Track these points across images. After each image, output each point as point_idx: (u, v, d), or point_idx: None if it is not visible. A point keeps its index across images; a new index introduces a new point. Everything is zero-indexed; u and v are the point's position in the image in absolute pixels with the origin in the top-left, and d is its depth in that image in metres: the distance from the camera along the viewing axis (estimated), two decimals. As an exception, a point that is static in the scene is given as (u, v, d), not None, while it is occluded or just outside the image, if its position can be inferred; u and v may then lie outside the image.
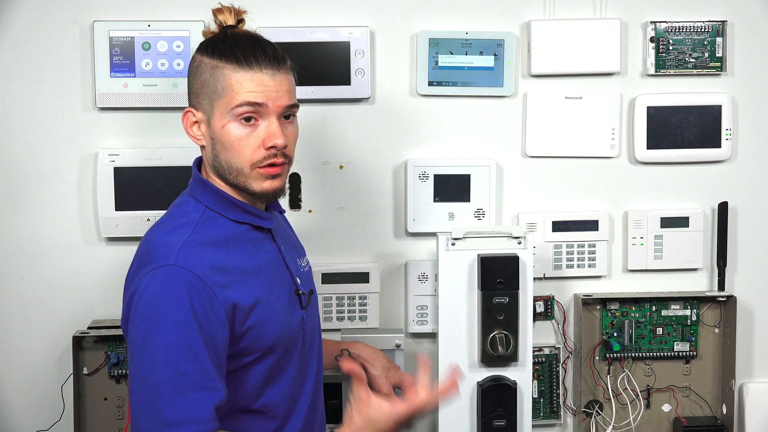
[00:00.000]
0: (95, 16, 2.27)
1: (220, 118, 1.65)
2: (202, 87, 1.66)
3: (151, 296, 1.55)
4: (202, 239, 1.63)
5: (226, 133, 1.65)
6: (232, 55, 1.64)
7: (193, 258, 1.58)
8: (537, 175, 2.42)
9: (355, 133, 2.36)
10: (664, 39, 2.39)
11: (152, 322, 1.54)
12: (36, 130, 2.29)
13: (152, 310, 1.54)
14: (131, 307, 1.57)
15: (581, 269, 2.42)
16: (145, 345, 1.54)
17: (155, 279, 1.56)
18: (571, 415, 2.46)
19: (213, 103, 1.65)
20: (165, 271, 1.56)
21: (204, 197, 1.69)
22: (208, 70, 1.65)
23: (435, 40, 2.34)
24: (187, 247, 1.59)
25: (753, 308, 2.49)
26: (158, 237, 1.64)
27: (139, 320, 1.55)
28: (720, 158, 2.44)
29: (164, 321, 1.54)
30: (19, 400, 2.35)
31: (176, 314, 1.54)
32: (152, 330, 1.54)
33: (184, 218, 1.66)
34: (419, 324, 2.40)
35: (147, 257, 1.60)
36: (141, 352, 1.54)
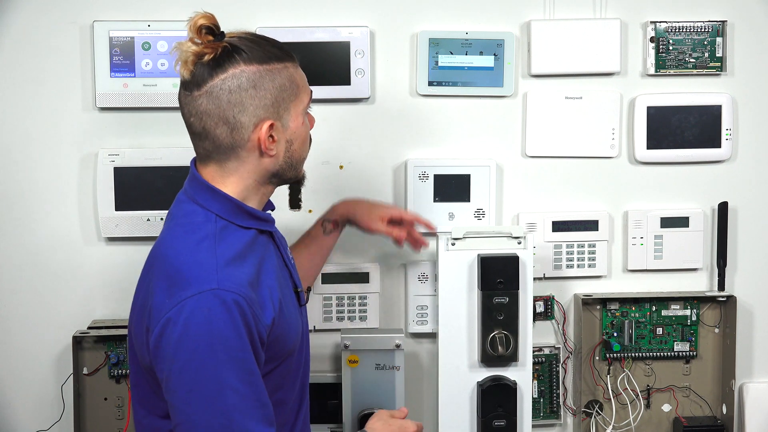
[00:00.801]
0: (95, 16, 2.27)
1: (297, 117, 1.67)
2: (281, 92, 1.63)
3: (202, 324, 1.51)
4: (229, 254, 1.60)
5: (305, 128, 1.70)
6: (285, 52, 1.65)
7: (232, 278, 1.55)
8: (537, 175, 2.42)
9: (355, 133, 2.36)
10: (664, 39, 2.39)
11: (209, 350, 1.51)
12: (36, 130, 2.29)
13: (206, 338, 1.51)
14: (171, 332, 1.52)
15: (581, 269, 2.42)
16: (203, 374, 1.51)
17: (201, 305, 1.52)
18: (571, 415, 2.46)
19: (288, 106, 1.65)
20: (212, 296, 1.52)
21: (213, 205, 1.65)
22: (280, 75, 1.63)
23: (435, 40, 2.34)
24: (222, 266, 1.56)
25: (753, 308, 2.49)
26: (184, 255, 1.59)
27: (191, 348, 1.51)
28: (720, 158, 2.44)
29: (222, 348, 1.51)
30: (19, 400, 2.35)
31: (235, 341, 1.52)
32: (210, 358, 1.51)
33: (201, 230, 1.62)
34: (419, 324, 2.40)
35: (180, 279, 1.56)
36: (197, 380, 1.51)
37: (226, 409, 1.51)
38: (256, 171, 1.66)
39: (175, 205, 1.71)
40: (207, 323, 1.51)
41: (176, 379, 1.52)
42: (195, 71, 1.61)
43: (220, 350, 1.51)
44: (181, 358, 1.52)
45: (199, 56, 1.61)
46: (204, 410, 1.51)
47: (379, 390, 2.27)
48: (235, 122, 1.61)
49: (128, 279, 2.33)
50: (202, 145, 1.66)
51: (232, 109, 1.61)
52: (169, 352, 1.53)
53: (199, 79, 1.61)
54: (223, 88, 1.60)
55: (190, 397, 1.51)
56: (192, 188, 1.68)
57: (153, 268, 1.63)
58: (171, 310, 1.53)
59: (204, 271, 1.55)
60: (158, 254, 1.64)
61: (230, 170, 1.66)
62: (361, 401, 2.26)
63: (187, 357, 1.51)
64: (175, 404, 1.54)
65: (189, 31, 1.61)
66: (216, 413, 1.51)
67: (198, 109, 1.62)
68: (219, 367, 1.51)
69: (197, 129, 1.64)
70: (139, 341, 1.65)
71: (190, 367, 1.51)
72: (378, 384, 2.27)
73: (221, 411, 1.51)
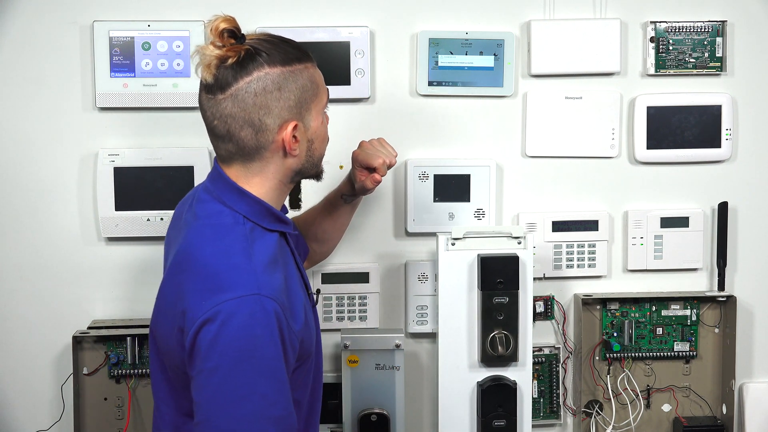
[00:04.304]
0: (95, 16, 2.27)
1: (318, 116, 1.69)
2: (303, 93, 1.65)
3: (241, 328, 1.51)
4: (263, 259, 1.60)
5: (323, 127, 1.73)
6: (304, 53, 1.67)
7: (270, 285, 1.56)
8: (537, 175, 2.42)
9: (355, 133, 2.36)
10: (664, 39, 2.39)
11: (245, 354, 1.51)
12: (36, 130, 2.30)
13: (243, 342, 1.51)
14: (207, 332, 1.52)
15: (581, 269, 2.42)
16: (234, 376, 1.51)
17: (242, 309, 1.52)
18: (571, 415, 2.46)
19: (309, 106, 1.66)
20: (253, 301, 1.53)
21: (240, 206, 1.65)
22: (302, 76, 1.65)
23: (435, 40, 2.34)
24: (260, 272, 1.57)
25: (753, 308, 2.49)
26: (219, 258, 1.59)
27: (227, 350, 1.51)
28: (720, 158, 2.44)
29: (258, 354, 1.52)
30: (19, 400, 2.35)
31: (270, 348, 1.53)
32: (244, 362, 1.51)
33: (231, 233, 1.63)
34: (419, 324, 2.40)
35: (218, 282, 1.55)
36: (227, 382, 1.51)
37: (251, 416, 1.51)
38: (279, 171, 1.68)
39: (198, 203, 1.70)
40: (246, 327, 1.51)
41: (206, 378, 1.52)
42: (218, 75, 1.61)
43: (255, 356, 1.51)
44: (214, 358, 1.51)
45: (223, 60, 1.61)
46: (228, 414, 1.51)
47: (379, 390, 2.27)
48: (261, 124, 1.62)
49: (128, 279, 2.34)
50: (225, 147, 1.66)
51: (257, 111, 1.61)
52: (203, 352, 1.53)
53: (223, 83, 1.61)
54: (248, 91, 1.61)
55: (217, 398, 1.51)
56: (217, 188, 1.68)
57: (184, 270, 1.61)
58: (209, 311, 1.53)
59: (243, 275, 1.56)
60: (189, 256, 1.62)
61: (254, 171, 1.67)
62: (361, 401, 2.27)
63: (221, 358, 1.51)
64: (199, 402, 1.54)
65: (210, 34, 1.61)
66: (240, 419, 1.51)
67: (223, 112, 1.62)
68: (251, 372, 1.51)
69: (221, 131, 1.64)
70: (165, 341, 1.64)
71: (223, 368, 1.51)
72: (378, 384, 2.27)
73: (246, 417, 1.51)
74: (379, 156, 1.99)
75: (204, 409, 1.53)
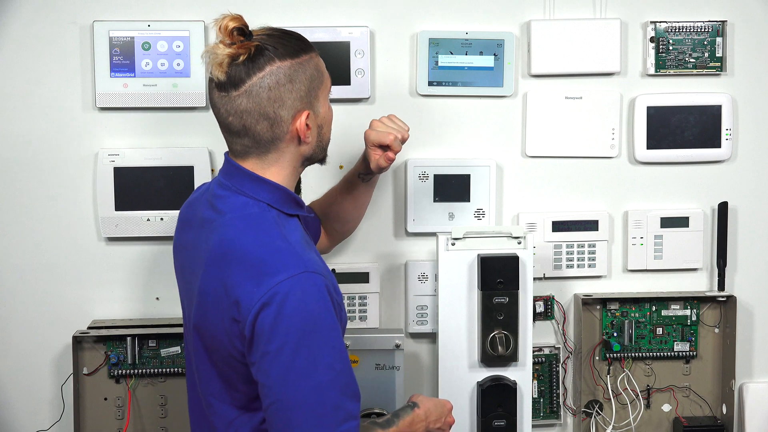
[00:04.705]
0: (95, 16, 2.27)
1: (325, 102, 1.75)
2: (311, 82, 1.70)
3: (298, 305, 1.56)
4: (298, 239, 1.67)
5: (330, 111, 1.78)
6: (308, 43, 1.73)
7: (313, 261, 1.63)
8: (537, 175, 2.42)
9: (355, 133, 2.36)
10: (664, 39, 2.39)
11: (306, 329, 1.56)
12: (36, 130, 2.30)
13: (303, 318, 1.56)
14: (267, 317, 1.56)
15: (581, 269, 2.42)
16: (301, 352, 1.56)
17: (295, 288, 1.57)
18: (571, 415, 2.46)
19: (317, 93, 1.72)
20: (304, 278, 1.58)
21: (262, 194, 1.70)
22: (309, 65, 1.70)
23: (435, 40, 2.34)
24: (301, 252, 1.63)
25: (753, 308, 2.49)
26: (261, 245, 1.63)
27: (289, 329, 1.56)
28: (720, 158, 2.44)
29: (318, 327, 1.57)
30: (19, 400, 2.35)
31: (328, 319, 1.59)
32: (308, 337, 1.56)
33: (263, 221, 1.67)
34: (419, 324, 2.40)
35: (266, 267, 1.59)
36: (295, 359, 1.56)
37: (322, 386, 1.56)
38: (294, 159, 1.73)
39: (217, 200, 1.73)
40: (303, 304, 1.57)
41: (272, 359, 1.56)
42: (230, 72, 1.65)
43: (316, 329, 1.57)
44: (277, 339, 1.56)
45: (234, 57, 1.65)
46: (300, 388, 1.55)
47: (379, 390, 2.27)
48: (276, 117, 1.67)
49: (128, 279, 2.34)
50: (241, 142, 1.70)
51: (272, 104, 1.66)
52: (265, 335, 1.57)
53: (236, 80, 1.65)
54: (262, 86, 1.65)
55: (287, 376, 1.56)
56: (236, 181, 1.72)
57: (228, 264, 1.64)
58: (264, 295, 1.57)
59: (287, 256, 1.61)
60: (229, 249, 1.65)
61: (270, 162, 1.71)
62: (361, 401, 2.26)
63: (283, 337, 1.56)
64: (268, 384, 1.57)
65: (219, 33, 1.65)
66: (312, 390, 1.56)
67: (237, 108, 1.66)
68: (315, 345, 1.57)
69: (236, 127, 1.68)
70: (215, 336, 1.66)
71: (287, 347, 1.56)
72: (378, 384, 2.27)
73: (317, 388, 1.56)
74: (391, 132, 1.99)
75: (274, 390, 1.57)
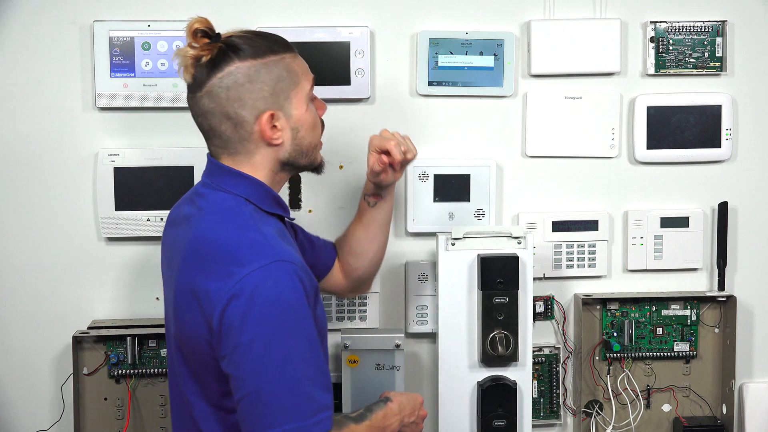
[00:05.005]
0: (95, 16, 2.27)
1: (300, 105, 1.72)
2: (278, 83, 1.69)
3: (270, 294, 1.55)
4: (272, 232, 1.65)
5: (309, 114, 1.75)
6: (282, 45, 1.71)
7: (286, 251, 1.61)
8: (537, 175, 2.42)
9: (355, 133, 2.36)
10: (664, 39, 2.39)
11: (278, 319, 1.55)
12: (36, 130, 2.29)
13: (275, 308, 1.55)
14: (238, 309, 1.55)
15: (581, 269, 2.42)
16: (273, 341, 1.55)
17: (267, 278, 1.56)
18: (571, 415, 2.46)
19: (288, 95, 1.70)
20: (276, 267, 1.57)
21: (241, 189, 1.70)
22: (276, 65, 1.69)
23: (435, 40, 2.34)
24: (274, 241, 1.62)
25: (753, 308, 2.49)
26: (232, 238, 1.63)
27: (261, 318, 1.55)
28: (720, 158, 2.44)
29: (291, 316, 1.56)
30: (19, 400, 2.35)
31: (299, 309, 1.57)
32: (280, 327, 1.55)
33: (238, 214, 1.67)
34: (419, 324, 2.40)
35: (236, 259, 1.59)
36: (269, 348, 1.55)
37: (294, 376, 1.55)
38: (267, 161, 1.72)
39: (199, 198, 1.74)
40: (275, 293, 1.56)
41: (244, 352, 1.55)
42: (195, 74, 1.68)
43: (288, 319, 1.56)
44: (249, 331, 1.55)
45: (197, 59, 1.67)
46: (272, 379, 1.55)
47: (379, 390, 2.25)
48: (237, 117, 1.68)
49: (128, 279, 2.34)
50: (213, 143, 1.74)
51: (232, 104, 1.67)
52: (235, 327, 1.55)
53: (200, 81, 1.68)
54: (221, 86, 1.67)
55: (259, 367, 1.55)
56: (215, 177, 1.73)
57: (200, 258, 1.63)
58: (234, 287, 1.56)
59: (259, 247, 1.60)
60: (202, 243, 1.65)
61: (241, 163, 1.72)
62: (361, 401, 2.26)
63: (255, 329, 1.55)
64: (241, 377, 1.56)
65: (186, 36, 1.68)
66: (286, 382, 1.55)
67: (202, 109, 1.70)
68: (288, 336, 1.55)
69: (205, 128, 1.73)
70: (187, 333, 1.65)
71: (260, 338, 1.55)
72: (378, 384, 2.27)
73: (291, 379, 1.55)
74: (392, 139, 1.98)
75: (248, 383, 1.55)
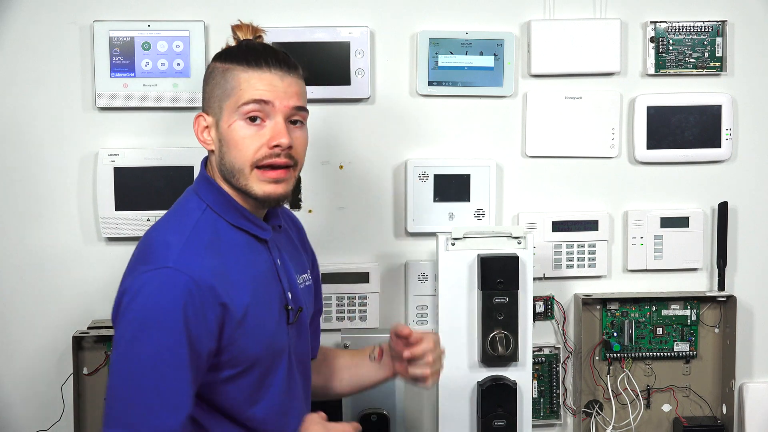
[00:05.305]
0: (95, 16, 2.27)
1: (228, 118, 1.65)
2: (213, 90, 1.67)
3: (147, 298, 1.53)
4: (202, 241, 1.61)
5: (232, 131, 1.64)
6: (243, 57, 1.65)
7: (192, 262, 1.57)
8: (537, 175, 2.42)
9: (355, 133, 2.36)
10: (664, 39, 2.39)
11: (144, 324, 1.53)
12: (36, 130, 2.29)
13: (146, 312, 1.53)
14: (122, 303, 1.55)
15: (581, 269, 2.42)
16: (132, 345, 1.53)
17: (153, 280, 1.54)
18: (571, 415, 2.46)
19: (222, 105, 1.65)
20: (164, 273, 1.54)
21: (208, 196, 1.68)
22: (219, 74, 1.66)
23: (435, 40, 2.34)
24: (187, 248, 1.58)
25: (753, 308, 2.49)
26: (159, 235, 1.63)
27: (131, 319, 1.54)
28: (720, 158, 2.44)
29: (156, 326, 1.52)
30: (19, 400, 2.34)
31: (169, 321, 1.53)
32: (142, 332, 1.53)
33: (186, 216, 1.65)
34: (419, 324, 2.40)
35: (146, 255, 1.59)
36: (127, 351, 1.54)
37: (140, 384, 1.52)
38: (216, 169, 1.69)
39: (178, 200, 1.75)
40: (151, 298, 1.53)
41: (114, 347, 1.55)
42: None
43: (152, 327, 1.52)
44: (120, 327, 1.55)
45: None
46: (121, 380, 1.53)
47: (379, 390, 2.26)
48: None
49: (128, 279, 2.33)
50: None
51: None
52: (115, 323, 1.57)
53: None
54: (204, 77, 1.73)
55: (116, 365, 1.54)
56: (196, 180, 1.74)
57: (133, 254, 1.65)
58: (128, 284, 1.56)
59: (165, 251, 1.57)
60: (141, 240, 1.66)
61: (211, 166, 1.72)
62: (361, 401, 2.26)
63: (124, 326, 1.54)
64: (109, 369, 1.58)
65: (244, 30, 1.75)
66: (129, 386, 1.52)
67: None
68: (146, 342, 1.52)
69: None
70: None
71: (124, 337, 1.54)
72: (378, 384, 2.27)
73: (134, 385, 1.52)
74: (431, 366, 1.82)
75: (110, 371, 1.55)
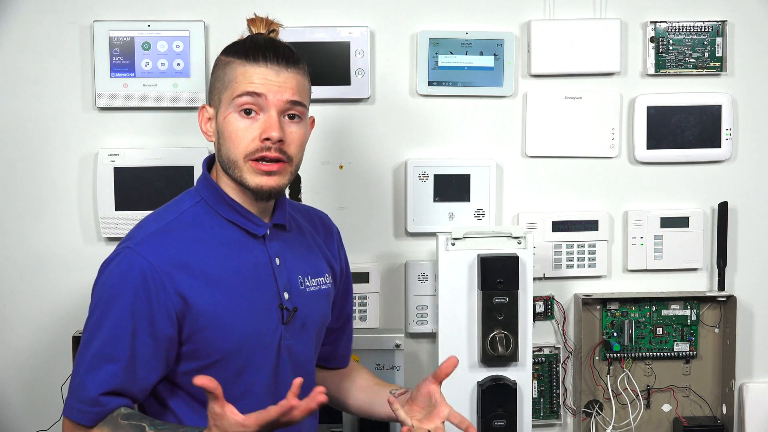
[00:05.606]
0: (95, 16, 2.27)
1: (225, 110, 1.67)
2: (215, 83, 1.70)
3: (109, 274, 1.63)
4: (178, 231, 1.66)
5: (227, 123, 1.66)
6: (243, 51, 1.68)
7: (155, 247, 1.63)
8: (537, 175, 2.42)
9: (355, 133, 2.36)
10: (664, 39, 2.39)
11: (99, 299, 1.63)
12: (36, 130, 2.30)
13: (103, 288, 1.63)
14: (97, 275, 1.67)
15: (581, 269, 2.42)
16: (91, 316, 1.64)
17: (119, 257, 1.63)
18: (571, 415, 2.46)
19: (221, 97, 1.68)
20: (125, 253, 1.63)
21: (204, 191, 1.72)
22: (221, 67, 1.69)
23: (435, 40, 2.34)
24: (155, 235, 1.65)
25: (753, 308, 2.49)
26: (144, 220, 1.71)
27: (95, 291, 1.65)
28: (720, 158, 2.44)
29: (108, 301, 1.61)
30: (19, 400, 2.35)
31: (117, 298, 1.61)
32: (98, 306, 1.62)
33: (175, 207, 1.72)
34: (419, 324, 2.40)
35: (128, 235, 1.69)
36: (87, 321, 1.64)
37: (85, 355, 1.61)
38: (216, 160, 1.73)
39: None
40: (112, 273, 1.63)
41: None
42: None
43: (105, 301, 1.62)
44: (91, 297, 1.66)
45: None
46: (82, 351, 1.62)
47: (379, 390, 2.27)
48: None
49: (128, 279, 2.33)
50: None
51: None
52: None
53: None
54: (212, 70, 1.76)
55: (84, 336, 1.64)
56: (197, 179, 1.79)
57: None
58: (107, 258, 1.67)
59: (138, 233, 1.67)
60: None
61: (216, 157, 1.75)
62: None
63: (91, 297, 1.66)
64: None
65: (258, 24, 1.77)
66: (86, 357, 1.61)
67: None
68: (100, 315, 1.62)
69: None
70: None
71: (90, 307, 1.65)
72: (378, 384, 2.26)
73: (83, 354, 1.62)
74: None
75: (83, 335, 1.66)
